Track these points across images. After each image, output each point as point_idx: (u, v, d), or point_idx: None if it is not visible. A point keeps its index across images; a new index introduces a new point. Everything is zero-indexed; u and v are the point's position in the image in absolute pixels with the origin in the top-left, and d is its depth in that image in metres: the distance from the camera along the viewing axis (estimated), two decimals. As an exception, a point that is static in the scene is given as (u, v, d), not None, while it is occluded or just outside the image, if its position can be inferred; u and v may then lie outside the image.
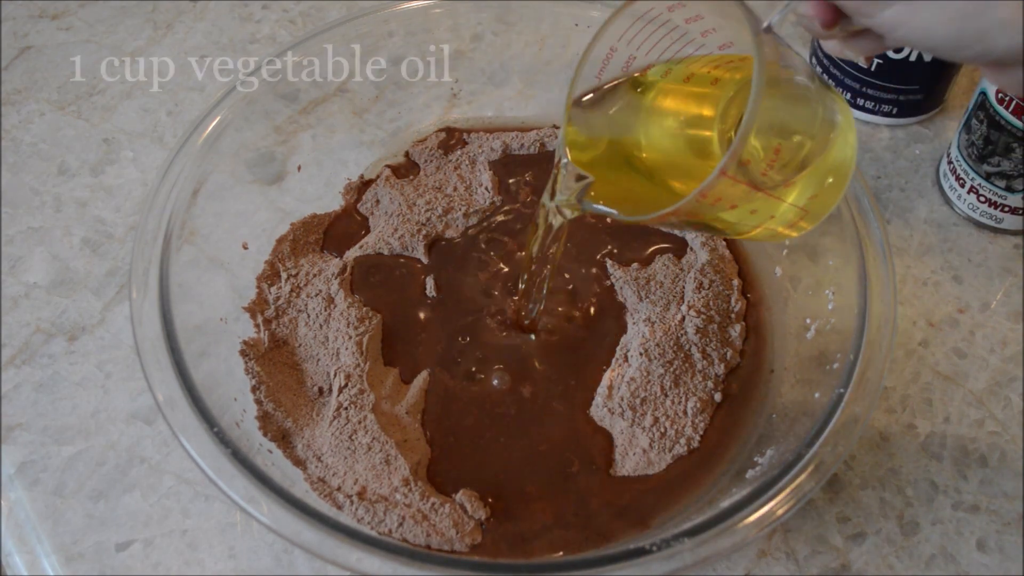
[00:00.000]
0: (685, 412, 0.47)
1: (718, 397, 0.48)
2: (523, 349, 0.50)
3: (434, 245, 0.55)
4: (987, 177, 0.56)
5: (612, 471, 0.46)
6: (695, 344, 0.49)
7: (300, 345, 0.51)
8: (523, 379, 0.49)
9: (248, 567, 0.46)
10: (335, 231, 0.56)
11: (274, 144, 0.57)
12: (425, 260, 0.54)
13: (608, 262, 0.54)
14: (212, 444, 0.40)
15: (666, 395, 0.48)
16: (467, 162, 0.59)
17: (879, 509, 0.47)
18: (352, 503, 0.44)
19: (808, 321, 0.50)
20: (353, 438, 0.46)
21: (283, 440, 0.47)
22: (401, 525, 0.43)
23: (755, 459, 0.45)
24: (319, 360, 0.50)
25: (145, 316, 0.44)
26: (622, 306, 0.52)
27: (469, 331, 0.51)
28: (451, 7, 0.58)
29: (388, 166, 0.59)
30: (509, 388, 0.49)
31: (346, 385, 0.48)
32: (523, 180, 0.58)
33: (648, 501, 0.45)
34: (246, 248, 0.54)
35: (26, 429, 0.50)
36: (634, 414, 0.47)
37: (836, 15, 0.34)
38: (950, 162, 0.59)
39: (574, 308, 0.52)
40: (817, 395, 0.44)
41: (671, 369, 0.48)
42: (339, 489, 0.44)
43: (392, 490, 0.44)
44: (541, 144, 0.59)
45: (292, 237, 0.55)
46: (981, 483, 0.49)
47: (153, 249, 0.46)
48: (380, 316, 0.51)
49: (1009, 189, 0.56)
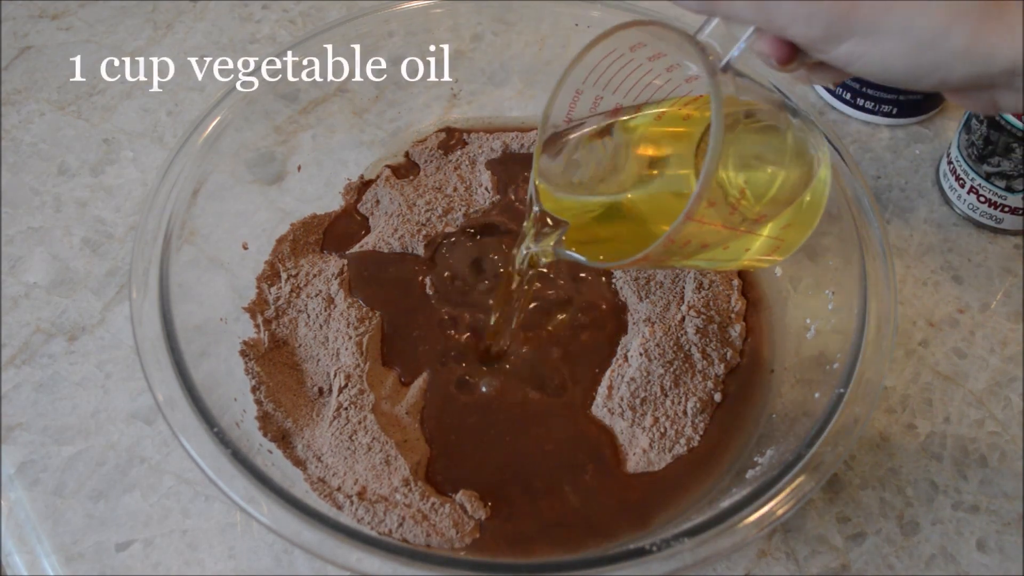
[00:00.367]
0: (685, 412, 0.47)
1: (718, 397, 0.48)
2: (523, 349, 0.50)
3: (434, 245, 0.55)
4: (987, 177, 0.56)
5: (612, 470, 0.46)
6: (695, 344, 0.49)
7: (300, 345, 0.51)
8: (523, 379, 0.49)
9: (248, 567, 0.46)
10: (335, 231, 0.56)
11: (274, 144, 0.57)
12: (425, 259, 0.54)
13: (621, 272, 0.54)
14: (212, 444, 0.40)
15: (666, 395, 0.48)
16: (467, 162, 0.59)
17: (879, 509, 0.47)
18: (352, 503, 0.44)
19: (808, 321, 0.50)
20: (353, 438, 0.46)
21: (283, 440, 0.47)
22: (401, 525, 0.43)
23: (755, 459, 0.45)
24: (319, 360, 0.50)
25: (145, 316, 0.44)
26: (623, 306, 0.52)
27: (469, 331, 0.51)
28: (451, 7, 0.58)
29: (388, 166, 0.59)
30: (509, 388, 0.49)
31: (346, 385, 0.48)
32: (523, 180, 0.58)
33: (648, 501, 0.45)
34: (246, 248, 0.54)
35: (26, 429, 0.50)
36: (634, 414, 0.47)
37: (792, 51, 0.34)
38: (950, 162, 0.59)
39: (575, 309, 0.52)
40: (817, 395, 0.44)
41: (671, 369, 0.48)
42: (339, 489, 0.44)
43: (392, 490, 0.44)
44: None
45: (292, 237, 0.55)
46: (981, 483, 0.49)
47: (153, 249, 0.46)
48: (380, 316, 0.51)
49: (1009, 189, 0.56)
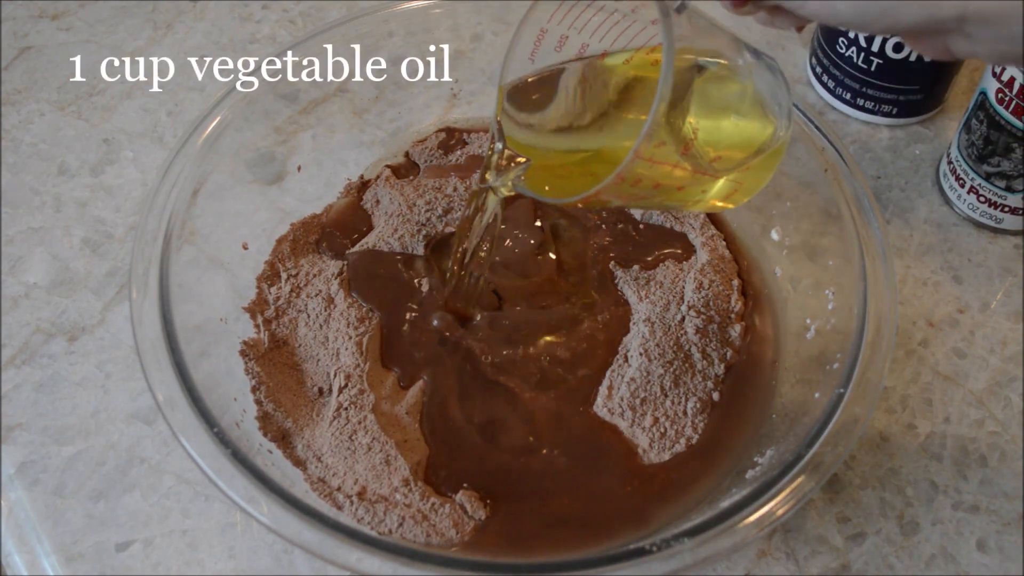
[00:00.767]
0: (685, 412, 0.47)
1: (717, 397, 0.48)
2: (523, 348, 0.50)
3: (433, 245, 0.55)
4: (987, 177, 0.56)
5: (612, 470, 0.46)
6: (695, 344, 0.49)
7: (300, 345, 0.51)
8: (523, 379, 0.49)
9: (248, 567, 0.46)
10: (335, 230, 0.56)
11: (274, 144, 0.57)
12: (425, 260, 0.54)
13: (611, 264, 0.54)
14: (212, 444, 0.40)
15: (666, 395, 0.48)
16: (467, 162, 0.59)
17: (879, 509, 0.47)
18: (352, 503, 0.44)
19: (808, 321, 0.50)
20: (353, 438, 0.46)
21: (283, 440, 0.47)
22: (401, 525, 0.43)
23: (755, 459, 0.45)
24: (319, 360, 0.50)
25: (145, 316, 0.44)
26: (624, 306, 0.52)
27: (467, 331, 0.51)
28: (451, 7, 0.58)
29: (388, 166, 0.59)
30: (509, 388, 0.49)
31: (346, 385, 0.48)
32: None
33: (648, 501, 0.45)
34: (246, 248, 0.54)
35: (26, 429, 0.50)
36: (634, 414, 0.47)
37: None
38: (950, 162, 0.59)
39: (575, 309, 0.52)
40: (817, 395, 0.44)
41: (671, 369, 0.48)
42: (339, 489, 0.44)
43: (392, 490, 0.44)
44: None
45: (292, 237, 0.55)
46: (981, 483, 0.49)
47: (153, 249, 0.46)
48: (379, 316, 0.51)
49: (1009, 189, 0.56)
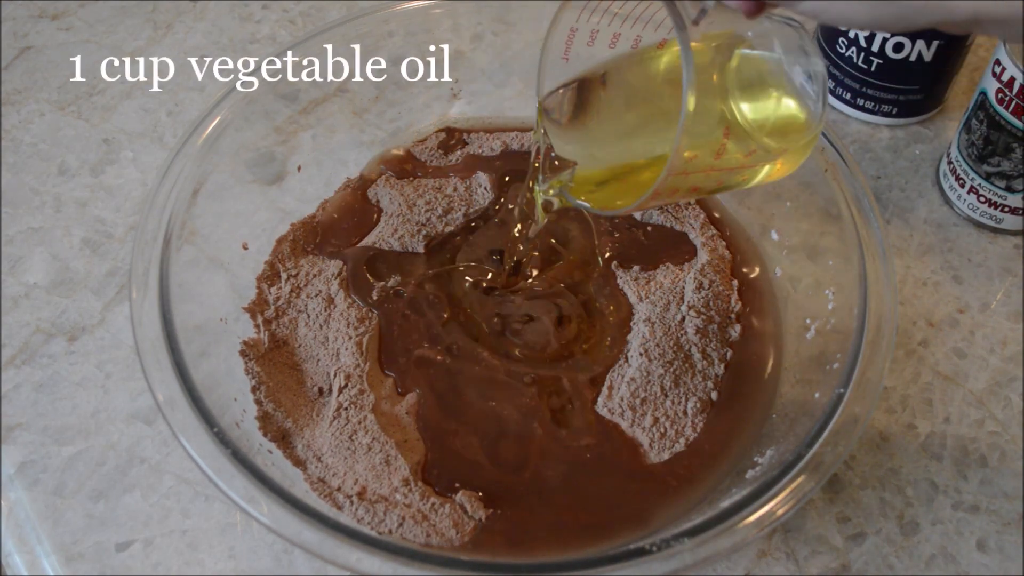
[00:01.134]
0: (685, 412, 0.47)
1: (716, 396, 0.48)
2: (523, 348, 0.50)
3: (433, 245, 0.55)
4: (987, 177, 0.56)
5: (612, 470, 0.46)
6: (695, 344, 0.49)
7: (300, 345, 0.51)
8: (523, 378, 0.49)
9: (248, 567, 0.46)
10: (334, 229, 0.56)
11: (274, 144, 0.57)
12: (424, 260, 0.54)
13: (612, 264, 0.54)
14: (212, 444, 0.40)
15: (666, 395, 0.48)
16: (467, 162, 0.59)
17: (879, 509, 0.48)
18: (352, 503, 0.44)
19: (808, 321, 0.50)
20: (353, 438, 0.46)
21: (283, 440, 0.47)
22: (401, 525, 0.43)
23: (755, 459, 0.45)
24: (319, 360, 0.50)
25: (145, 316, 0.44)
26: (625, 305, 0.52)
27: (468, 330, 0.51)
28: (451, 7, 0.58)
29: (387, 163, 0.59)
30: (509, 387, 0.49)
31: (346, 385, 0.48)
32: (523, 180, 0.58)
33: (648, 501, 0.45)
34: (246, 248, 0.54)
35: (26, 429, 0.50)
36: (634, 414, 0.47)
37: (760, 3, 0.35)
38: (950, 162, 0.59)
39: (576, 307, 0.52)
40: (817, 395, 0.44)
41: (671, 369, 0.48)
42: (339, 489, 0.44)
43: (392, 490, 0.44)
44: (541, 144, 0.60)
45: (292, 237, 0.55)
46: (981, 483, 0.49)
47: (153, 249, 0.46)
48: (379, 317, 0.51)
49: (1009, 189, 0.56)
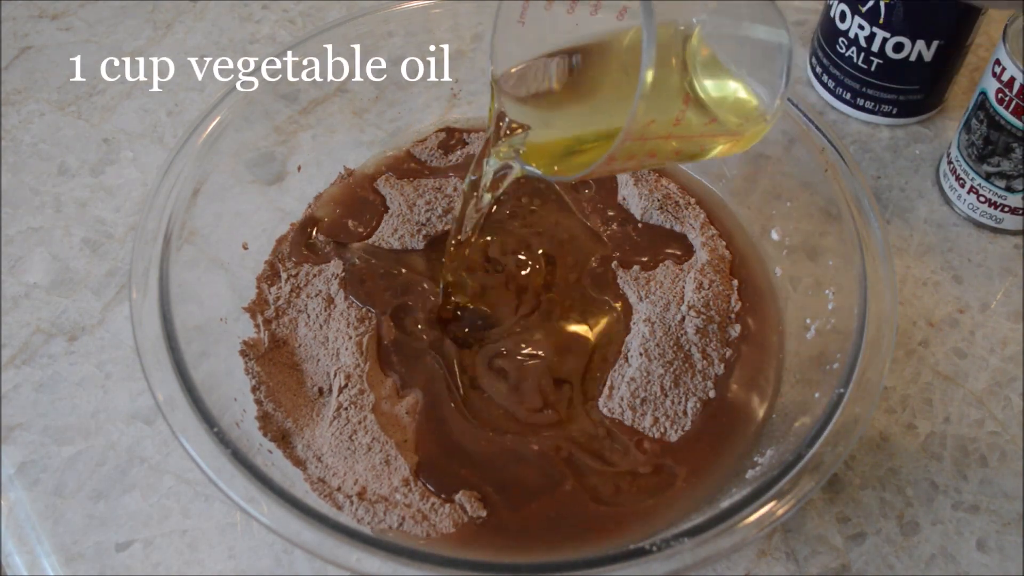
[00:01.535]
0: (685, 412, 0.47)
1: (714, 395, 0.48)
2: (523, 348, 0.50)
3: (434, 245, 0.55)
4: (987, 177, 0.56)
5: (612, 469, 0.46)
6: (695, 344, 0.49)
7: (300, 345, 0.51)
8: (523, 377, 0.49)
9: (248, 567, 0.46)
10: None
11: (274, 144, 0.57)
12: (424, 260, 0.54)
13: (612, 264, 0.54)
14: (212, 444, 0.40)
15: (666, 395, 0.48)
16: (467, 162, 0.59)
17: (879, 509, 0.48)
18: (352, 503, 0.44)
19: (808, 321, 0.50)
20: (353, 438, 0.46)
21: (283, 440, 0.47)
22: (401, 525, 0.43)
23: (755, 459, 0.45)
24: (319, 360, 0.50)
25: (145, 316, 0.44)
26: (625, 305, 0.52)
27: (468, 331, 0.51)
28: (451, 7, 0.58)
29: (387, 165, 0.59)
30: (509, 387, 0.49)
31: (346, 385, 0.48)
32: (523, 180, 0.58)
33: (648, 501, 0.45)
34: (246, 248, 0.54)
35: (26, 429, 0.50)
36: (634, 414, 0.47)
37: None
38: (950, 162, 0.59)
39: (578, 309, 0.52)
40: (817, 395, 0.44)
41: (671, 369, 0.48)
42: (339, 489, 0.44)
43: (392, 490, 0.44)
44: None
45: (292, 237, 0.55)
46: (981, 483, 0.49)
47: (153, 249, 0.46)
48: (379, 317, 0.51)
49: (1009, 189, 0.56)
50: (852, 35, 0.61)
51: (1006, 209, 0.57)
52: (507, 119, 0.43)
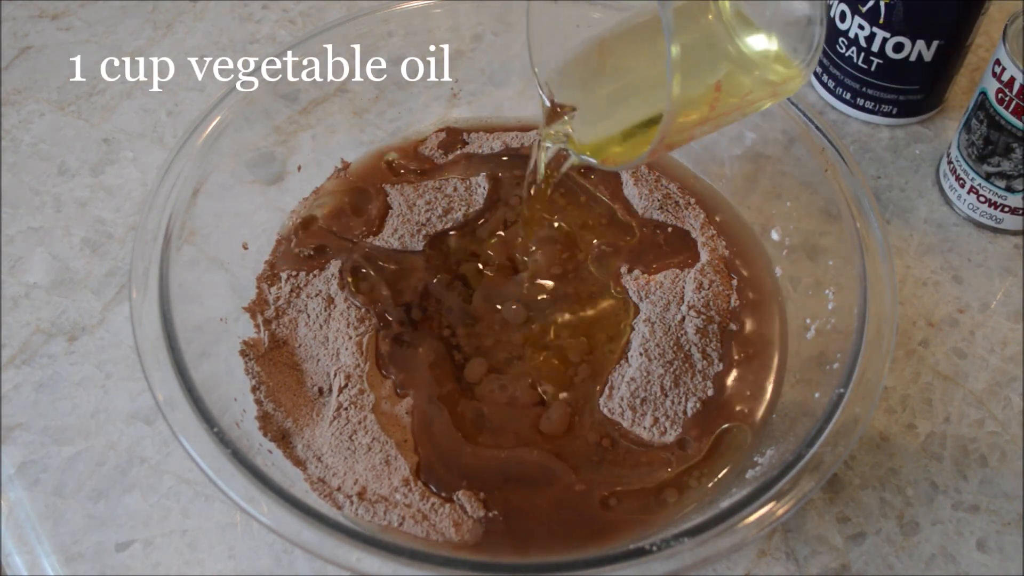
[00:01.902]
0: (685, 412, 0.47)
1: (713, 394, 0.48)
2: (523, 347, 0.50)
3: (434, 245, 0.55)
4: (987, 177, 0.56)
5: (612, 469, 0.46)
6: (695, 344, 0.49)
7: (300, 345, 0.51)
8: (523, 378, 0.49)
9: (248, 567, 0.46)
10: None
11: (274, 144, 0.57)
12: (424, 260, 0.54)
13: (622, 272, 0.53)
14: (212, 444, 0.40)
15: (666, 395, 0.48)
16: (467, 162, 0.59)
17: (879, 509, 0.48)
18: (352, 503, 0.44)
19: (808, 321, 0.50)
20: (353, 438, 0.46)
21: (283, 440, 0.47)
22: (401, 525, 0.43)
23: (755, 459, 0.45)
24: (319, 360, 0.50)
25: (145, 316, 0.44)
26: (625, 305, 0.52)
27: (468, 330, 0.51)
28: (451, 7, 0.58)
29: (387, 162, 0.59)
30: (509, 386, 0.49)
31: (346, 385, 0.48)
32: (523, 179, 0.58)
33: (648, 500, 0.45)
34: (246, 248, 0.54)
35: (26, 429, 0.50)
36: (634, 414, 0.47)
37: None
38: (950, 162, 0.59)
39: (578, 309, 0.52)
40: (817, 395, 0.44)
41: (671, 369, 0.48)
42: (339, 489, 0.44)
43: (392, 490, 0.44)
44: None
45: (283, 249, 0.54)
46: (981, 483, 0.49)
47: (153, 249, 0.46)
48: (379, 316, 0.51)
49: (1009, 189, 0.56)
50: (852, 35, 0.61)
51: (1006, 209, 0.57)
52: (555, 99, 0.44)
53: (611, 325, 0.51)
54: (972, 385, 0.52)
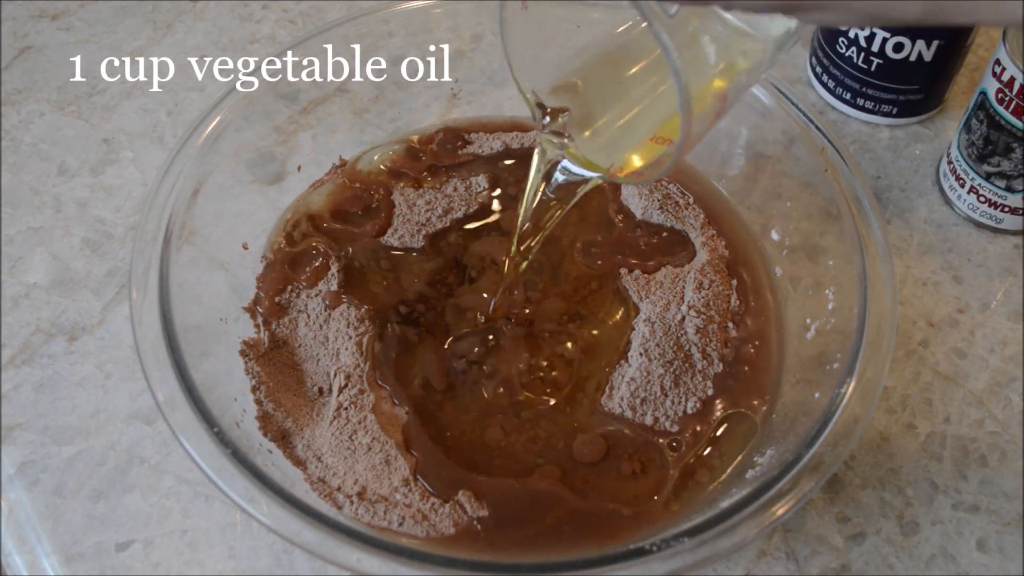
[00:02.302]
0: (685, 412, 0.47)
1: (712, 392, 0.48)
2: (523, 347, 0.50)
3: (434, 244, 0.55)
4: (987, 177, 0.56)
5: (613, 469, 0.46)
6: (695, 344, 0.49)
7: (300, 345, 0.51)
8: (524, 378, 0.49)
9: (248, 567, 0.46)
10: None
11: (274, 144, 0.57)
12: (424, 260, 0.54)
13: (622, 271, 0.53)
14: (212, 444, 0.40)
15: (666, 395, 0.48)
16: (467, 162, 0.59)
17: (879, 509, 0.48)
18: (352, 503, 0.44)
19: (808, 321, 0.50)
20: (353, 438, 0.46)
21: (283, 440, 0.47)
22: (401, 525, 0.43)
23: (755, 459, 0.45)
24: (319, 360, 0.50)
25: (145, 316, 0.44)
26: (625, 304, 0.52)
27: (468, 330, 0.51)
28: (451, 7, 0.58)
29: (386, 166, 0.59)
30: (509, 387, 0.49)
31: (346, 385, 0.48)
32: (523, 179, 0.58)
33: (648, 500, 0.45)
34: (246, 248, 0.54)
35: (26, 429, 0.50)
36: (634, 414, 0.47)
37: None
38: (950, 162, 0.59)
39: (578, 309, 0.52)
40: (817, 395, 0.44)
41: (671, 369, 0.48)
42: (339, 489, 0.44)
43: (392, 490, 0.44)
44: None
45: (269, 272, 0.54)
46: (981, 483, 0.49)
47: (153, 249, 0.46)
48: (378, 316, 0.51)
49: (1009, 189, 0.56)
50: (852, 35, 0.61)
51: (1006, 209, 0.57)
52: (544, 103, 0.43)
53: (611, 325, 0.51)
54: (972, 385, 0.52)
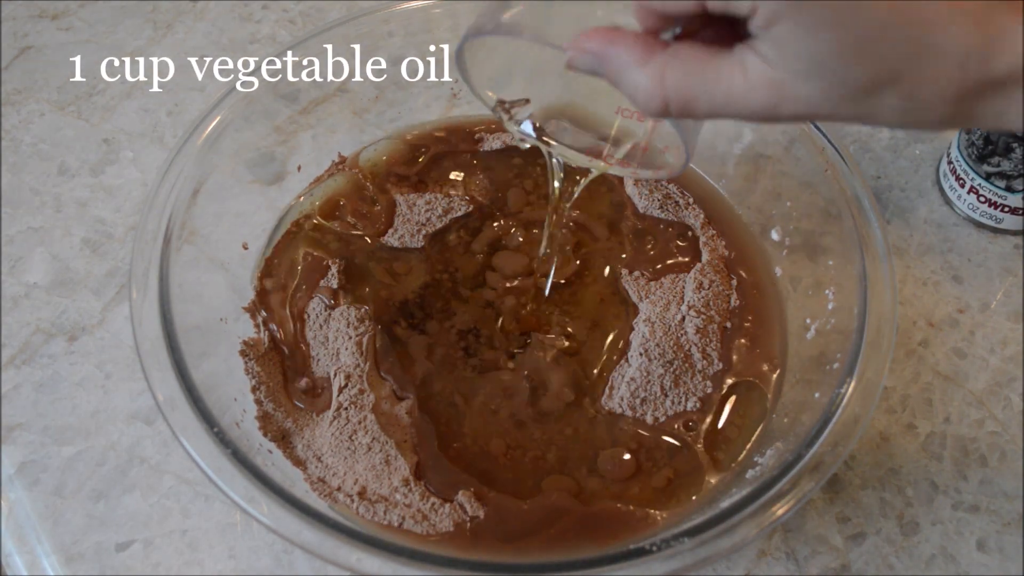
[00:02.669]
0: (685, 411, 0.47)
1: (712, 391, 0.48)
2: (523, 347, 0.50)
3: (434, 244, 0.55)
4: (987, 177, 0.56)
5: (612, 469, 0.46)
6: (695, 344, 0.49)
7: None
8: (524, 378, 0.49)
9: (248, 567, 0.46)
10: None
11: (274, 144, 0.57)
12: (424, 259, 0.54)
13: (623, 272, 0.53)
14: (212, 444, 0.40)
15: (666, 395, 0.48)
16: (467, 162, 0.59)
17: (879, 509, 0.48)
18: (352, 503, 0.44)
19: (808, 321, 0.50)
20: (353, 438, 0.46)
21: (283, 440, 0.47)
22: (401, 525, 0.43)
23: (755, 459, 0.45)
24: (319, 360, 0.50)
25: (145, 316, 0.44)
26: (625, 304, 0.52)
27: (468, 330, 0.51)
28: (451, 7, 0.58)
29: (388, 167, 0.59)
30: (510, 387, 0.49)
31: (346, 385, 0.48)
32: (523, 178, 0.58)
33: (648, 501, 0.45)
34: (246, 248, 0.54)
35: (26, 429, 0.50)
36: (634, 414, 0.47)
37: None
38: (950, 162, 0.59)
39: (578, 310, 0.52)
40: (817, 395, 0.44)
41: (671, 369, 0.48)
42: (339, 489, 0.44)
43: (392, 490, 0.44)
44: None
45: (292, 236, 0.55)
46: (981, 483, 0.49)
47: (153, 249, 0.46)
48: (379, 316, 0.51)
49: (1009, 189, 0.56)
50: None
51: (1006, 209, 0.57)
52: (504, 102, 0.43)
53: (611, 325, 0.51)
54: (972, 385, 0.52)
